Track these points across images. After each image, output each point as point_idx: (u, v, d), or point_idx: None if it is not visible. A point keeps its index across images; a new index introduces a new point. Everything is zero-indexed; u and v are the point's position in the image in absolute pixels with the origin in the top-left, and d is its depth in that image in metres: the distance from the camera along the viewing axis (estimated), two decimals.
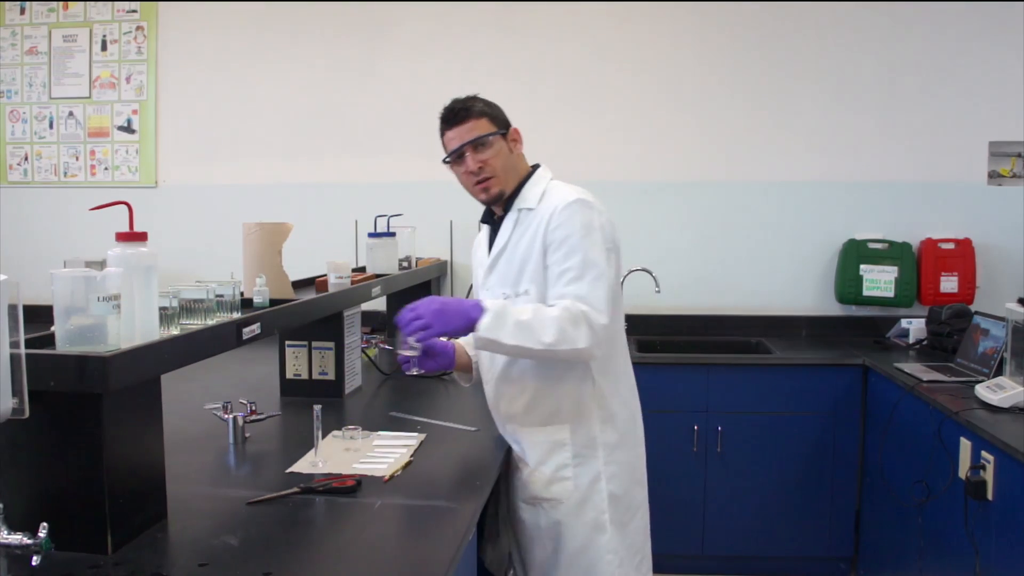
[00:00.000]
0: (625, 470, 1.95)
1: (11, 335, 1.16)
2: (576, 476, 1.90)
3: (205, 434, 2.12)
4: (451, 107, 1.92)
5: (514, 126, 1.96)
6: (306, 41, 4.03)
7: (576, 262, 1.80)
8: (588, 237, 1.81)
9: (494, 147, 1.90)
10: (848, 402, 3.34)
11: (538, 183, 1.96)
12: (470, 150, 1.89)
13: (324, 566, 1.39)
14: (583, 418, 1.90)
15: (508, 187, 1.94)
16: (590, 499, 1.90)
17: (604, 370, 1.91)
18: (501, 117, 1.95)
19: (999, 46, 3.71)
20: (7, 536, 1.21)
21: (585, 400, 1.90)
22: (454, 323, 1.76)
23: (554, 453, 1.91)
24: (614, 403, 1.94)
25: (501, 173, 1.91)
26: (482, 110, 1.91)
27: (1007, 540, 2.14)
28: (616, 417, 1.94)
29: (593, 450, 1.91)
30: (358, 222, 3.87)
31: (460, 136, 1.90)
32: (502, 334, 1.74)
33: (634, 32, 3.89)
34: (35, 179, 4.23)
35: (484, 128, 1.89)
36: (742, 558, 3.46)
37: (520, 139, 1.98)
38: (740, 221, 3.90)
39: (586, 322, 1.75)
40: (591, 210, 1.84)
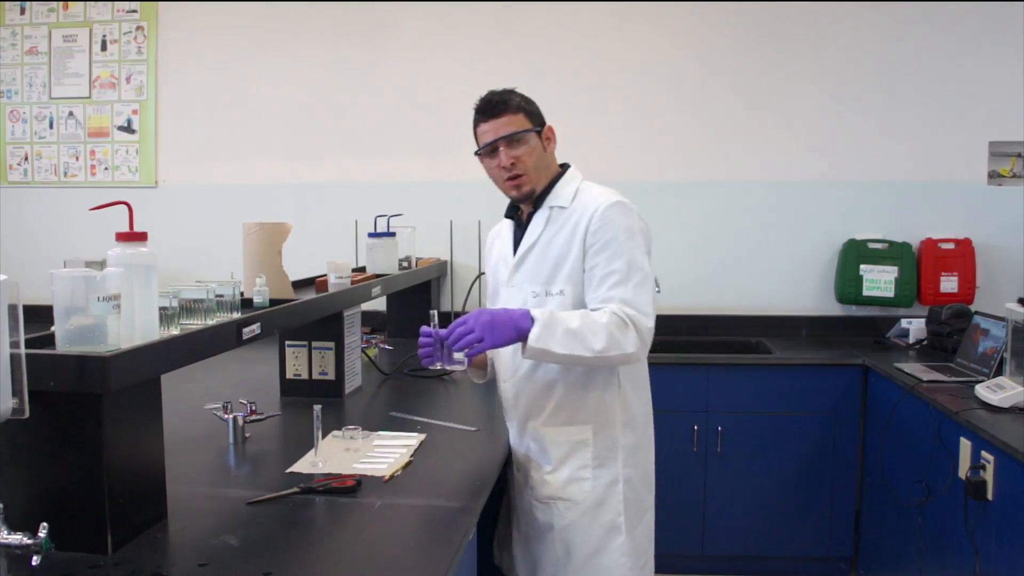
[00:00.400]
0: (639, 473, 1.96)
1: (11, 335, 1.16)
2: (595, 477, 1.90)
3: (205, 434, 2.12)
4: (488, 98, 1.89)
5: (550, 127, 1.94)
6: (306, 41, 4.03)
7: (621, 265, 1.80)
8: (632, 240, 1.82)
9: (529, 144, 1.88)
10: (848, 402, 3.34)
11: (570, 182, 1.94)
12: (504, 145, 1.86)
13: (324, 566, 1.39)
14: (607, 420, 1.90)
15: (539, 185, 1.92)
16: (607, 501, 1.90)
17: (630, 373, 1.93)
18: (537, 113, 1.92)
19: (999, 46, 3.71)
20: (7, 536, 1.21)
21: (610, 402, 1.90)
22: (505, 335, 1.71)
23: (575, 454, 1.90)
24: (636, 406, 1.95)
25: (533, 171, 1.89)
26: (519, 105, 1.88)
27: (1007, 540, 2.14)
28: (636, 420, 1.95)
29: (614, 452, 1.91)
30: (358, 222, 3.87)
31: (495, 130, 1.86)
32: (552, 343, 1.71)
33: (634, 32, 3.89)
34: (35, 179, 4.23)
35: (520, 124, 1.87)
36: (742, 558, 3.46)
37: (554, 137, 1.95)
38: (740, 221, 3.90)
39: (633, 327, 1.76)
40: (632, 213, 1.85)
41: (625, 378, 1.92)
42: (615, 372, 1.90)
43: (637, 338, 1.76)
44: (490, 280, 2.12)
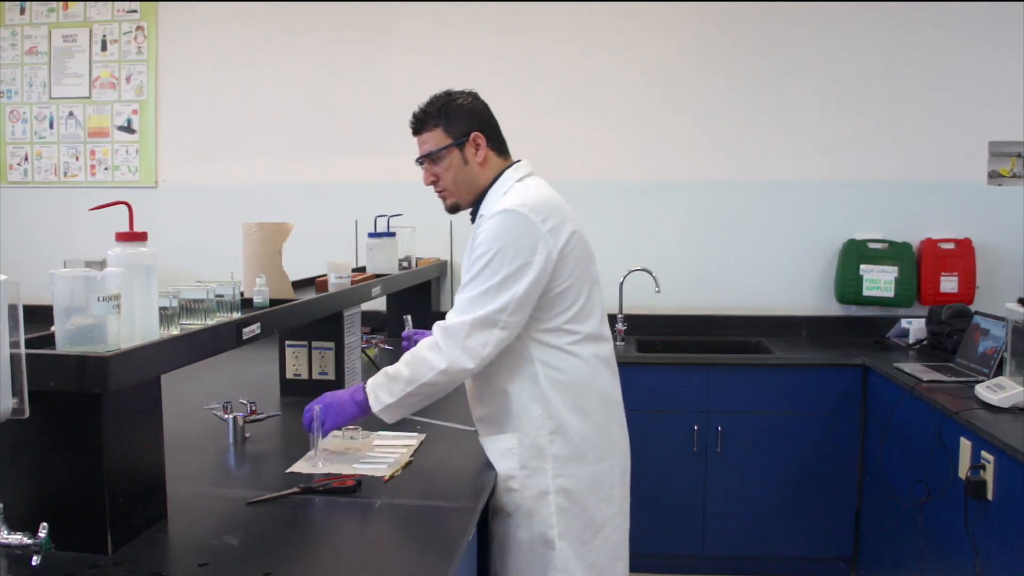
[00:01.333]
0: (583, 484, 1.84)
1: (11, 335, 1.16)
2: (523, 488, 1.82)
3: (205, 434, 2.12)
4: (414, 113, 1.92)
5: (476, 131, 1.87)
6: (306, 41, 4.03)
7: (472, 275, 1.78)
8: (492, 251, 1.75)
9: (445, 160, 1.88)
10: (848, 402, 3.34)
11: (501, 186, 1.88)
12: (426, 162, 1.91)
13: (324, 566, 1.39)
14: (530, 428, 1.82)
15: (463, 199, 1.92)
16: (537, 512, 1.82)
17: (555, 380, 1.81)
18: (460, 124, 1.86)
19: (999, 46, 3.71)
20: (7, 536, 1.21)
21: (531, 409, 1.82)
22: (346, 412, 1.84)
23: (503, 462, 1.85)
24: (567, 415, 1.82)
25: (452, 186, 1.90)
26: (435, 121, 1.87)
27: (1007, 540, 2.14)
28: (569, 429, 1.82)
29: (541, 462, 1.82)
30: (358, 222, 3.87)
31: (418, 146, 1.92)
32: (384, 396, 1.79)
33: (634, 32, 3.89)
34: (35, 179, 4.23)
35: (436, 141, 1.88)
36: (742, 558, 3.46)
37: (483, 144, 1.87)
38: (740, 221, 3.90)
39: (445, 339, 1.74)
40: (514, 222, 1.75)
41: (549, 384, 1.81)
42: (534, 378, 1.81)
43: (449, 352, 1.73)
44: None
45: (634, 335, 3.78)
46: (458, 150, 1.88)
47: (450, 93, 1.91)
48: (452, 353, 1.73)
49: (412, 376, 1.76)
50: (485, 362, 1.76)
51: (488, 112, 1.93)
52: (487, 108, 1.94)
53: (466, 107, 1.89)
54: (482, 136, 1.88)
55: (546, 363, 1.82)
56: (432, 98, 1.91)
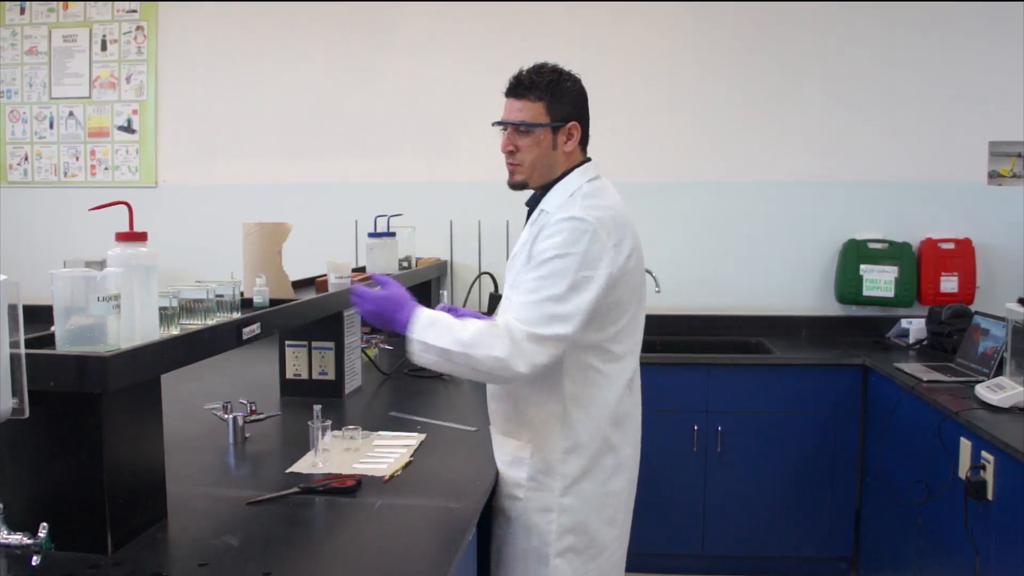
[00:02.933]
0: (589, 505, 1.79)
1: (11, 335, 1.16)
2: (527, 499, 1.79)
3: (205, 434, 2.12)
4: (518, 74, 1.80)
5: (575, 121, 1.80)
6: (306, 41, 4.03)
7: (533, 278, 1.69)
8: (559, 258, 1.68)
9: (534, 137, 1.78)
10: (848, 402, 3.34)
11: (568, 185, 1.81)
12: (511, 128, 1.79)
13: (324, 566, 1.39)
14: (545, 442, 1.78)
15: (533, 180, 1.82)
16: (537, 527, 1.78)
17: (579, 400, 1.77)
18: (564, 108, 1.78)
19: (999, 46, 3.71)
20: (7, 536, 1.21)
21: (550, 423, 1.77)
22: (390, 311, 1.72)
23: (512, 468, 1.82)
24: (584, 433, 1.77)
25: (528, 165, 1.80)
26: (541, 94, 1.77)
27: (1007, 540, 2.14)
28: (584, 448, 1.77)
29: (550, 478, 1.78)
30: (358, 222, 3.87)
31: (508, 110, 1.79)
32: (428, 332, 1.67)
33: (634, 32, 3.89)
34: (35, 179, 4.23)
35: (534, 115, 1.77)
36: (742, 558, 3.46)
37: (576, 136, 1.81)
38: (740, 221, 3.90)
39: (508, 333, 1.63)
40: (582, 232, 1.69)
41: (573, 404, 1.76)
42: (559, 392, 1.75)
43: (511, 346, 1.62)
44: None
45: None
46: (551, 133, 1.79)
47: (560, 71, 1.81)
48: (513, 350, 1.63)
49: (468, 340, 1.64)
50: (537, 371, 1.67)
51: (587, 103, 1.86)
52: (587, 99, 1.86)
53: (573, 93, 1.81)
54: (579, 128, 1.82)
55: (575, 381, 1.76)
56: (541, 68, 1.80)
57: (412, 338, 1.68)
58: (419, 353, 1.69)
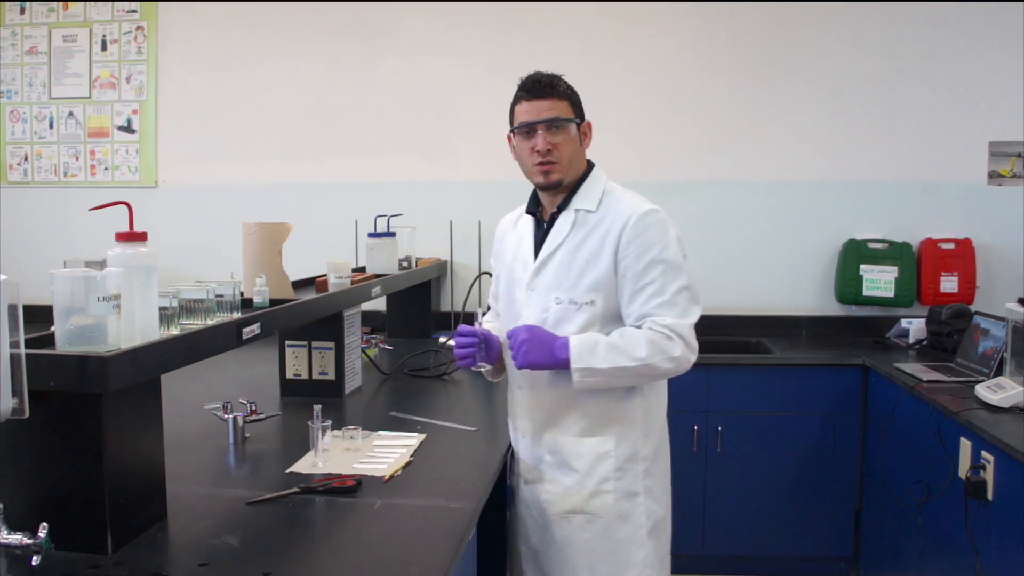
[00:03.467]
0: (659, 483, 1.91)
1: (11, 335, 1.16)
2: (617, 490, 1.84)
3: (205, 434, 2.12)
4: (536, 78, 1.85)
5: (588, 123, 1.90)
6: (306, 41, 4.03)
7: (655, 277, 1.78)
8: (667, 250, 1.79)
9: (568, 133, 1.83)
10: (848, 402, 3.34)
11: (596, 184, 1.90)
12: (543, 128, 1.81)
13: (324, 566, 1.39)
14: (628, 429, 1.85)
15: (568, 177, 1.86)
16: (630, 513, 1.84)
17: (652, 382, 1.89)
18: (580, 105, 1.89)
19: (999, 46, 3.71)
20: (7, 536, 1.21)
21: (632, 411, 1.86)
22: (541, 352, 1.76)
23: (597, 466, 1.84)
24: (655, 416, 1.91)
25: (567, 161, 1.83)
26: (566, 91, 1.85)
27: (1007, 540, 2.14)
28: (653, 429, 1.90)
29: (635, 463, 1.86)
30: (358, 222, 3.87)
31: (536, 111, 1.82)
32: (594, 360, 1.74)
33: (634, 32, 3.89)
34: (35, 179, 4.23)
35: (564, 111, 1.83)
36: (742, 558, 3.46)
37: (591, 134, 1.91)
38: (740, 221, 3.90)
39: (676, 334, 1.76)
40: (665, 220, 1.83)
41: (648, 386, 1.88)
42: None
43: (682, 345, 1.77)
44: (502, 274, 2.02)
45: None
46: (577, 129, 1.86)
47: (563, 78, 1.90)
48: (684, 348, 1.77)
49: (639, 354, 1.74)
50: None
51: None
52: None
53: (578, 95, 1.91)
54: (591, 127, 1.91)
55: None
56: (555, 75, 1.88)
57: (576, 368, 1.75)
58: (585, 379, 1.76)
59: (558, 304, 1.83)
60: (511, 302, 1.95)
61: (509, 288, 1.97)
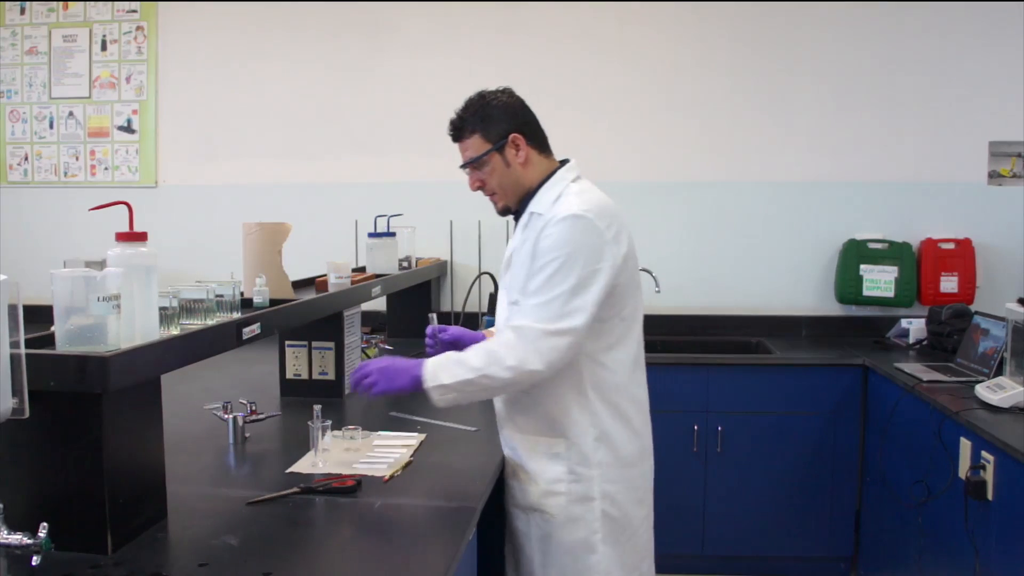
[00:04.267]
0: (624, 490, 1.88)
1: (11, 335, 1.16)
2: (569, 492, 1.84)
3: (205, 434, 2.12)
4: (451, 120, 1.88)
5: (514, 132, 1.85)
6: (306, 41, 4.03)
7: (541, 279, 1.75)
8: (564, 255, 1.73)
9: (488, 165, 1.86)
10: (848, 402, 3.34)
11: (554, 186, 1.86)
12: (470, 168, 1.88)
13: (324, 566, 1.39)
14: (578, 434, 1.84)
15: (511, 201, 1.89)
16: (582, 517, 1.85)
17: (599, 387, 1.84)
18: (498, 127, 1.84)
19: (999, 46, 3.71)
20: (7, 536, 1.21)
21: (577, 416, 1.84)
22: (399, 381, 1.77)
23: (549, 466, 1.85)
24: (610, 422, 1.85)
25: (499, 190, 1.88)
26: (473, 127, 1.84)
27: (1007, 540, 2.14)
28: (613, 436, 1.86)
29: (588, 468, 1.84)
30: (358, 222, 3.87)
31: (460, 153, 1.89)
32: (442, 376, 1.74)
33: (634, 32, 3.89)
34: (35, 179, 4.23)
35: (476, 147, 1.85)
36: (742, 558, 3.46)
37: (522, 144, 1.86)
38: (740, 221, 3.90)
39: (518, 339, 1.72)
40: (583, 228, 1.75)
41: (594, 392, 1.83)
42: (581, 385, 1.82)
43: (522, 351, 1.70)
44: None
45: None
46: (498, 154, 1.85)
47: (484, 95, 1.88)
48: (525, 353, 1.71)
49: (477, 365, 1.73)
50: (554, 369, 1.74)
51: (525, 109, 1.91)
52: (524, 105, 1.91)
53: (501, 108, 1.86)
54: (521, 137, 1.86)
55: (592, 371, 1.83)
56: (467, 102, 1.88)
57: (429, 387, 1.75)
58: (442, 396, 1.76)
59: (511, 304, 1.86)
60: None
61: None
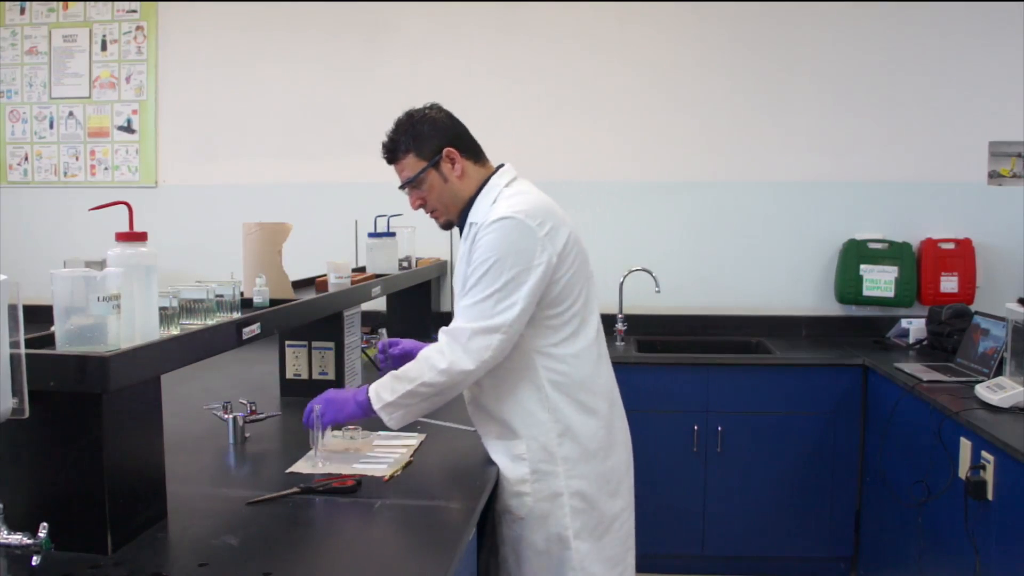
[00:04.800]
0: (594, 483, 1.87)
1: (11, 335, 1.16)
2: (535, 492, 1.84)
3: (205, 434, 2.12)
4: (383, 143, 1.91)
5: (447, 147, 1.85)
6: (306, 41, 4.03)
7: (471, 283, 1.78)
8: (493, 258, 1.75)
9: (426, 183, 1.87)
10: (848, 402, 3.34)
11: (488, 193, 1.87)
12: (408, 188, 1.90)
13: (324, 566, 1.39)
14: (538, 432, 1.83)
15: (452, 215, 1.91)
16: (552, 514, 1.84)
17: (558, 383, 1.83)
18: (430, 143, 1.85)
19: (999, 46, 3.71)
20: (7, 536, 1.21)
21: (537, 414, 1.83)
22: (346, 409, 1.85)
23: (514, 466, 1.85)
24: (573, 417, 1.84)
25: (440, 205, 1.90)
26: (406, 147, 1.86)
27: (1007, 540, 2.14)
28: (576, 431, 1.84)
29: (552, 465, 1.83)
30: (358, 222, 3.86)
31: (397, 175, 1.91)
32: (385, 393, 1.79)
33: (634, 32, 3.89)
34: (35, 179, 4.22)
35: (411, 167, 1.86)
36: (742, 558, 3.46)
37: (457, 158, 1.86)
38: (740, 221, 3.90)
39: (448, 342, 1.76)
40: (512, 228, 1.75)
41: (553, 388, 1.83)
42: (538, 383, 1.82)
43: (451, 353, 1.74)
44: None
45: (634, 335, 3.78)
46: (435, 170, 1.87)
47: (411, 114, 1.91)
48: (454, 354, 1.75)
49: (413, 375, 1.78)
50: (487, 366, 1.77)
51: (455, 122, 1.93)
52: (453, 118, 1.93)
53: (431, 124, 1.88)
54: (455, 150, 1.87)
55: (549, 367, 1.83)
56: (396, 123, 1.91)
57: (377, 409, 1.81)
58: (391, 415, 1.81)
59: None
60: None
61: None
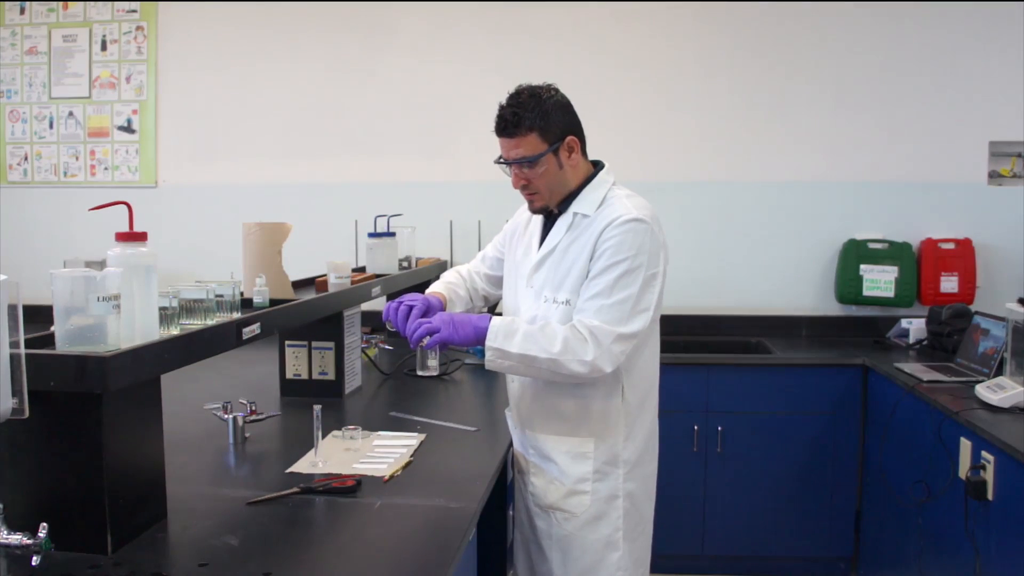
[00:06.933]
0: (641, 487, 1.94)
1: (11, 335, 1.16)
2: (595, 491, 1.88)
3: (205, 434, 2.12)
4: (501, 115, 1.80)
5: (571, 135, 1.83)
6: (306, 41, 4.03)
7: (608, 281, 1.76)
8: (631, 259, 1.76)
9: (542, 166, 1.81)
10: (848, 402, 3.34)
11: (598, 188, 1.88)
12: (516, 166, 1.82)
13: (324, 566, 1.39)
14: (608, 433, 1.88)
15: (553, 203, 1.88)
16: (606, 515, 1.88)
17: (634, 386, 1.89)
18: (556, 127, 1.80)
19: (999, 46, 3.71)
20: (7, 536, 1.21)
21: (613, 415, 1.87)
22: (464, 332, 1.77)
23: (576, 465, 1.88)
24: (639, 419, 1.91)
25: (545, 191, 1.85)
26: (531, 124, 1.77)
27: (1007, 540, 2.14)
28: (637, 434, 1.91)
29: (615, 466, 1.89)
30: (358, 222, 3.87)
31: (507, 149, 1.82)
32: (504, 340, 1.74)
33: (634, 32, 3.89)
34: (35, 179, 4.22)
35: (531, 147, 1.79)
36: (742, 558, 3.46)
37: (577, 147, 1.85)
38: (740, 221, 3.90)
39: (593, 338, 1.73)
40: (645, 232, 1.78)
41: (630, 390, 1.88)
42: (618, 383, 1.86)
43: (596, 350, 1.73)
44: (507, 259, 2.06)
45: None
46: (553, 155, 1.82)
47: (538, 92, 1.81)
48: (599, 353, 1.73)
49: (555, 351, 1.72)
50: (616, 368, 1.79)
51: (573, 109, 1.88)
52: (571, 105, 1.88)
53: (560, 108, 1.83)
54: (576, 140, 1.85)
55: (629, 371, 1.86)
56: (523, 98, 1.79)
57: (490, 345, 1.75)
58: (497, 360, 1.77)
59: (544, 302, 1.87)
60: (514, 293, 2.00)
61: (514, 280, 2.01)
